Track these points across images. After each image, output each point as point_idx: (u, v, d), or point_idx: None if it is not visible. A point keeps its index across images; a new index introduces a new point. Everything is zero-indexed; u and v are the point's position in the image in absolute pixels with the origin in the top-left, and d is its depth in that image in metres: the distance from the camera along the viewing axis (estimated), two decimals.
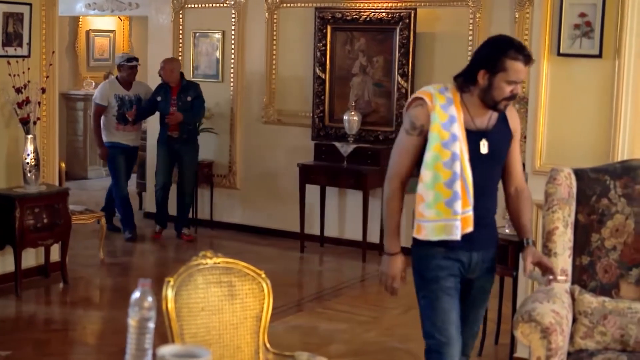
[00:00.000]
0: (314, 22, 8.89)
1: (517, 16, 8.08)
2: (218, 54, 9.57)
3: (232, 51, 9.51)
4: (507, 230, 5.60)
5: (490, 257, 3.83)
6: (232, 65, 9.50)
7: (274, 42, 9.28)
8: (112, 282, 7.78)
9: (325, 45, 8.85)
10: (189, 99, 8.92)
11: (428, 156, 3.63)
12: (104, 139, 9.09)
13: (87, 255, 8.14)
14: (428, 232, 3.69)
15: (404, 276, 3.80)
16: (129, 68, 9.15)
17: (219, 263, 3.42)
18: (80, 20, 13.07)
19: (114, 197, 9.21)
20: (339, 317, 6.54)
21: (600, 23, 4.94)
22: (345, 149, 8.40)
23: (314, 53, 8.93)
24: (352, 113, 8.49)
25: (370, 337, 6.09)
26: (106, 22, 13.48)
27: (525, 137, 5.50)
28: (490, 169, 3.72)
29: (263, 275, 3.50)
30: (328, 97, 8.90)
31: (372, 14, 8.60)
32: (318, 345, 5.78)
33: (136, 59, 9.32)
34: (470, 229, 3.64)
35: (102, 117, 9.04)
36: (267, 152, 9.36)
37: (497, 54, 3.56)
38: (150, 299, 2.26)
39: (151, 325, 2.25)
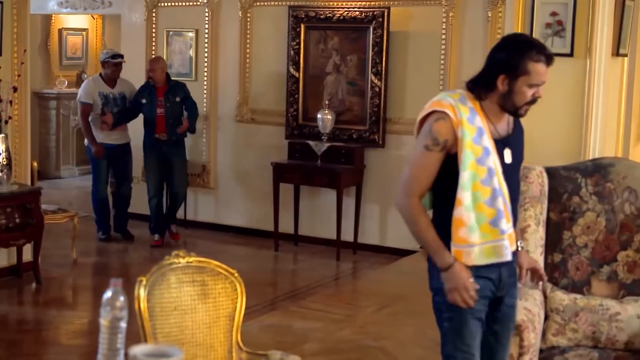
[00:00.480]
0: (287, 20, 8.89)
1: (490, 15, 8.12)
2: (191, 52, 9.55)
3: (206, 50, 9.49)
4: None
5: (513, 270, 3.49)
6: (206, 64, 9.48)
7: (248, 41, 9.27)
8: (85, 282, 7.74)
9: (298, 44, 8.85)
10: (177, 99, 8.63)
11: (464, 176, 3.27)
12: (88, 139, 8.84)
13: (60, 255, 8.09)
14: (476, 257, 3.31)
15: (471, 282, 3.32)
16: (113, 65, 8.79)
17: (191, 262, 3.41)
18: (53, 18, 12.99)
19: (92, 195, 8.99)
20: (313, 316, 6.54)
21: (571, 22, 4.98)
22: (319, 147, 8.41)
23: (287, 52, 8.92)
24: (326, 112, 8.50)
25: (344, 336, 6.10)
26: (79, 20, 13.41)
27: None
28: (515, 179, 3.46)
29: (236, 275, 3.50)
30: (302, 95, 8.90)
31: (346, 12, 8.61)
32: (292, 344, 5.77)
33: (121, 56, 8.96)
34: (514, 245, 3.39)
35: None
36: (241, 151, 9.35)
37: (517, 56, 3.26)
38: (122, 298, 2.26)
39: (123, 324, 2.25)
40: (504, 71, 3.27)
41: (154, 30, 9.81)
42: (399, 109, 8.57)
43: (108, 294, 2.25)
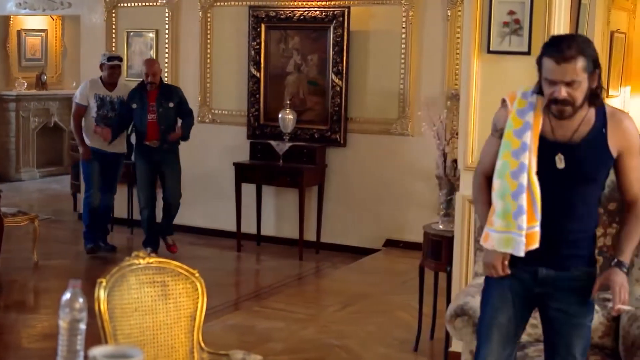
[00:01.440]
0: (247, 20, 8.89)
1: (449, 14, 8.18)
2: (152, 53, 9.50)
3: (166, 50, 9.46)
4: (440, 226, 5.67)
5: (572, 277, 3.42)
6: (167, 65, 9.44)
7: (208, 41, 9.25)
8: (46, 285, 7.67)
9: (259, 43, 8.85)
10: (171, 104, 8.12)
11: (498, 164, 3.40)
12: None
13: (21, 258, 8.01)
14: (495, 242, 3.40)
15: (504, 263, 3.42)
16: (109, 67, 8.31)
17: (151, 263, 3.40)
18: (12, 19, 12.88)
19: (83, 204, 8.52)
20: (276, 315, 6.55)
21: (528, 20, 5.02)
22: (281, 147, 8.41)
23: (248, 52, 8.92)
24: (287, 111, 8.50)
25: (307, 335, 6.11)
26: (38, 21, 13.30)
27: (457, 134, 5.57)
28: (571, 188, 3.36)
29: (197, 275, 3.50)
30: (263, 95, 8.90)
31: (306, 12, 8.62)
32: (255, 343, 5.78)
33: (118, 58, 8.50)
34: (535, 245, 3.36)
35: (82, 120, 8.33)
36: (203, 152, 9.32)
37: (540, 52, 3.31)
38: (81, 299, 2.25)
39: (82, 326, 2.24)
40: (538, 67, 3.32)
41: (113, 30, 9.76)
42: (360, 108, 8.61)
43: (67, 295, 2.24)
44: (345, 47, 8.46)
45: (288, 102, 8.59)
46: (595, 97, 3.31)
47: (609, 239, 4.19)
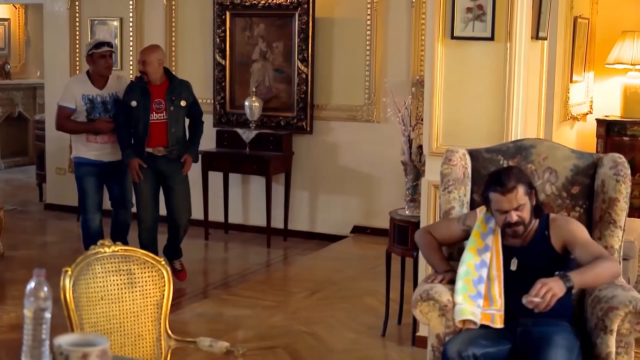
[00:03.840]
0: (212, 8, 8.86)
1: (413, 1, 8.21)
2: (116, 41, 9.44)
3: (131, 39, 9.41)
4: (406, 212, 5.70)
5: (531, 332, 3.78)
6: (131, 53, 9.39)
7: (173, 29, 9.21)
8: (12, 275, 7.62)
9: (224, 31, 8.82)
10: (182, 103, 6.82)
11: (465, 254, 3.99)
12: (74, 153, 7.06)
13: None
14: (455, 314, 3.87)
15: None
16: (100, 57, 6.78)
17: (117, 251, 3.41)
18: None
19: (81, 228, 7.13)
20: (245, 303, 6.55)
21: (492, 6, 5.05)
22: (247, 135, 8.40)
23: (213, 39, 8.89)
24: (253, 99, 8.49)
25: (276, 322, 6.13)
26: (0, 10, 13.17)
27: (422, 120, 5.59)
28: (526, 284, 3.65)
29: (162, 262, 3.51)
30: (229, 83, 8.89)
31: None
32: (224, 331, 5.78)
33: (109, 44, 6.93)
34: (498, 326, 3.84)
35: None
36: None
37: (484, 189, 3.94)
38: (45, 289, 2.25)
39: (47, 315, 2.24)
40: (484, 202, 3.99)
41: (77, 19, 9.69)
42: (326, 95, 8.62)
43: (31, 284, 2.24)
44: (310, 35, 8.46)
45: (254, 90, 8.58)
46: (538, 210, 3.93)
47: None
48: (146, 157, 6.75)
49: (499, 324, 3.82)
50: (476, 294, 3.87)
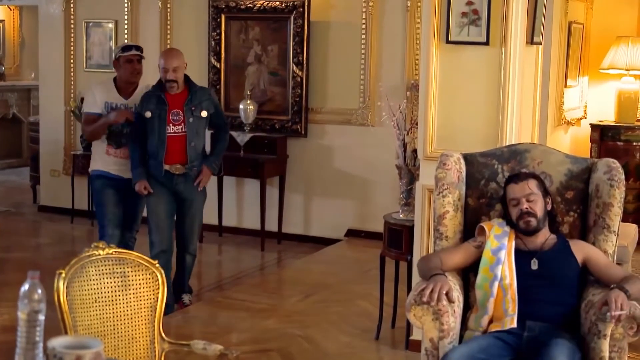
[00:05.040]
0: (207, 11, 8.86)
1: (409, 5, 8.22)
2: (112, 43, 9.44)
3: (126, 41, 9.38)
4: (400, 216, 5.70)
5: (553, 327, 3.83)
6: None
7: (168, 32, 9.21)
8: (5, 278, 7.60)
9: (219, 34, 8.82)
10: (203, 114, 6.11)
11: (478, 277, 4.04)
12: (91, 167, 6.41)
13: None
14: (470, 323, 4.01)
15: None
16: (126, 61, 6.21)
17: (111, 254, 3.40)
18: None
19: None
20: (239, 306, 6.55)
21: (487, 11, 5.05)
22: (242, 138, 8.40)
23: (208, 42, 8.89)
24: (248, 102, 8.49)
25: (270, 325, 6.12)
26: None
27: (416, 124, 5.60)
28: (544, 287, 3.90)
29: (157, 265, 3.50)
30: (223, 86, 8.88)
31: (266, 2, 8.61)
32: (218, 334, 5.78)
33: (137, 48, 6.39)
34: (508, 326, 3.87)
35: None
36: None
37: (503, 188, 4.13)
38: (39, 291, 2.25)
39: (41, 317, 2.24)
40: (501, 201, 4.16)
41: (72, 21, 9.68)
42: (321, 98, 8.62)
43: (25, 287, 2.24)
44: (305, 38, 8.47)
45: (249, 93, 8.57)
46: (553, 221, 4.07)
47: (567, 227, 4.24)
48: (164, 175, 6.08)
49: (508, 325, 3.86)
50: (483, 310, 3.97)
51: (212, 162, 6.25)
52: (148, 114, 6.01)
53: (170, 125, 6.03)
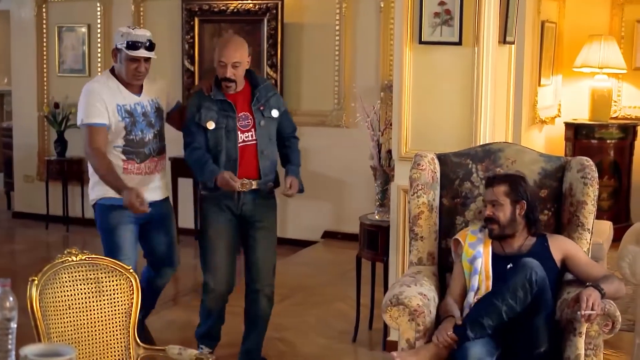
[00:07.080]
0: (181, 14, 8.83)
1: (382, 6, 8.23)
2: (85, 48, 9.39)
3: (99, 45, 9.36)
4: (376, 217, 5.70)
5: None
6: (99, 60, 9.35)
7: None
8: None
9: (193, 37, 8.80)
10: (274, 113, 4.85)
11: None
12: (97, 193, 4.88)
13: None
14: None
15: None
16: (130, 60, 4.79)
17: (84, 259, 3.38)
18: None
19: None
20: None
21: (459, 11, 5.06)
22: None
23: (182, 46, 8.87)
24: None
25: None
26: None
27: (391, 125, 5.60)
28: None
29: (130, 270, 3.48)
30: None
31: (239, 5, 8.60)
32: (194, 339, 5.75)
33: (150, 45, 4.92)
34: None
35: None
36: None
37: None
38: (11, 298, 2.24)
39: (13, 325, 2.23)
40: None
41: (44, 25, 9.62)
42: (296, 100, 8.61)
43: None
44: (279, 40, 8.46)
45: None
46: (531, 225, 4.02)
47: (541, 226, 4.25)
48: (228, 199, 4.85)
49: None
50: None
51: (298, 172, 4.96)
52: (211, 125, 4.73)
53: (241, 132, 4.78)
